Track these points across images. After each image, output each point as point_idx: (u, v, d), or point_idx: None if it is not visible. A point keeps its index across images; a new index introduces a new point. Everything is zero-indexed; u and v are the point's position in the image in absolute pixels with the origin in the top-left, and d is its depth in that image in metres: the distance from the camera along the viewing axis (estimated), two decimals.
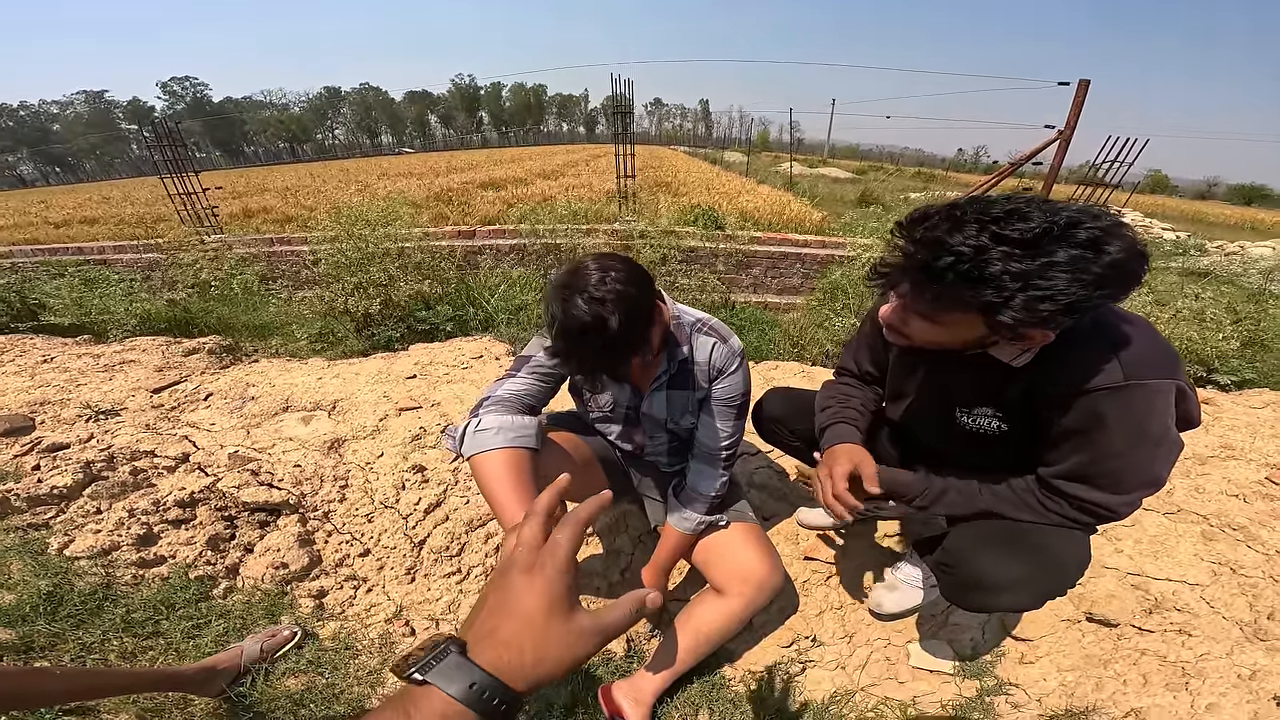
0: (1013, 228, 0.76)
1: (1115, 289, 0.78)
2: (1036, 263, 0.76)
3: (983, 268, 0.77)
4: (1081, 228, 0.75)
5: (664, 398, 1.24)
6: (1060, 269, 0.75)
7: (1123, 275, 0.77)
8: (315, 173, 19.28)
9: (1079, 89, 5.28)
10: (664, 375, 1.21)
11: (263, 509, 1.60)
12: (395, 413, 2.10)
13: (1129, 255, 0.76)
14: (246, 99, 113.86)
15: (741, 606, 1.22)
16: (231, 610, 1.42)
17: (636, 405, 1.27)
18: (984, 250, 0.77)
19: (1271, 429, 1.97)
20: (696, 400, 1.24)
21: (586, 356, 0.95)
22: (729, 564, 1.26)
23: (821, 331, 3.43)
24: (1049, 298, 0.76)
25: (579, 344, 0.93)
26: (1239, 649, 1.21)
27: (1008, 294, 0.77)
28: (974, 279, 0.79)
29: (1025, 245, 0.76)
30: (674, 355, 1.19)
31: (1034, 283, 0.76)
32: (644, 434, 1.32)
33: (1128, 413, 0.88)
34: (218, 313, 4.06)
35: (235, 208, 9.83)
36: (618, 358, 0.97)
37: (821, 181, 18.59)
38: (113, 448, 1.73)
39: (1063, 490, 0.97)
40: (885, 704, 1.31)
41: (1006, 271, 0.76)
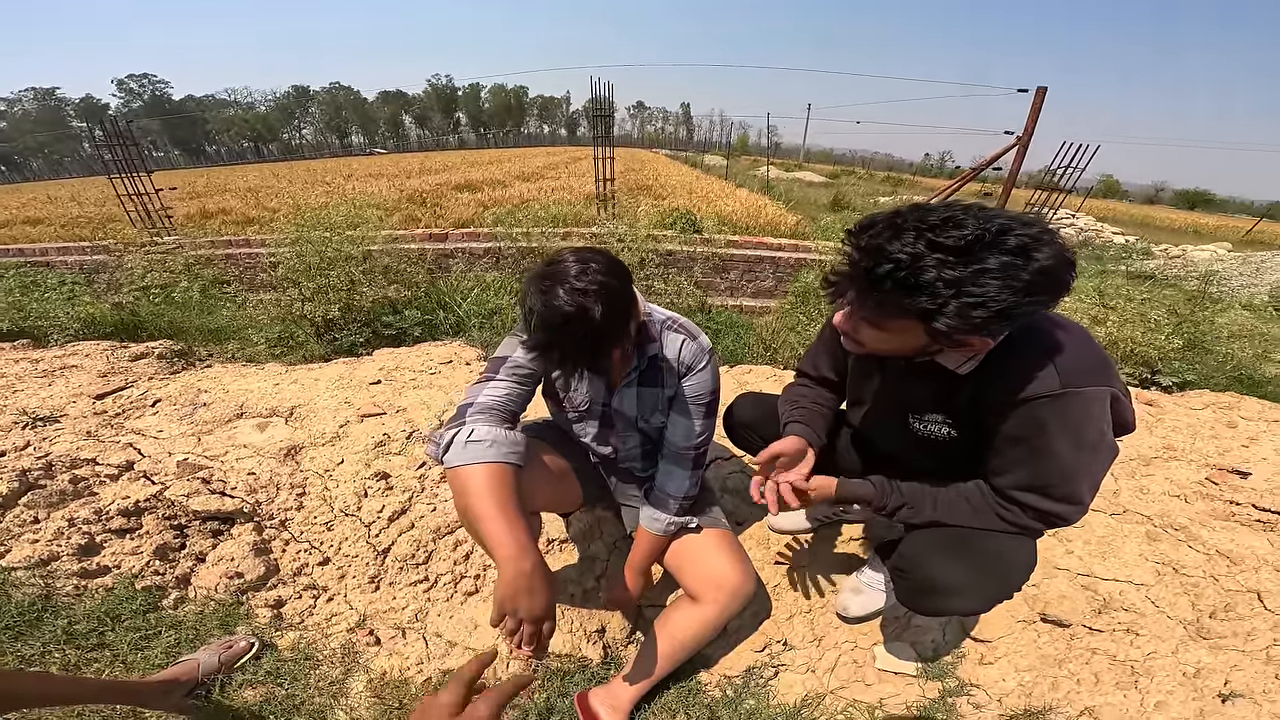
0: (947, 235, 0.79)
1: (1044, 295, 0.81)
2: (969, 269, 0.79)
3: (918, 275, 0.80)
4: (1012, 235, 0.78)
5: (634, 394, 1.27)
6: (991, 275, 0.78)
7: (1051, 282, 0.80)
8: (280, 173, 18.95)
9: (1036, 96, 5.55)
10: (634, 372, 1.24)
11: (215, 518, 1.58)
12: (357, 419, 2.09)
13: (1058, 262, 0.79)
14: (209, 97, 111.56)
15: (716, 614, 1.25)
16: (183, 621, 1.40)
17: (608, 403, 1.30)
18: (920, 257, 0.80)
19: (1211, 430, 2.09)
20: (666, 398, 1.28)
21: (569, 348, 0.97)
22: (702, 570, 1.30)
23: (793, 335, 3.53)
24: (981, 304, 0.79)
25: (561, 335, 0.95)
26: (1183, 647, 1.28)
27: (941, 300, 0.80)
28: (910, 286, 0.81)
29: (958, 252, 0.79)
30: (644, 351, 1.22)
31: (966, 289, 0.79)
32: (618, 435, 1.35)
33: (1066, 420, 0.92)
34: (169, 316, 3.97)
35: (192, 208, 9.61)
36: (600, 349, 0.99)
37: (797, 185, 19.07)
38: (50, 455, 1.69)
39: (1019, 500, 1.02)
40: (854, 706, 1.35)
41: (940, 278, 0.79)
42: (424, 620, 1.54)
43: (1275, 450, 1.93)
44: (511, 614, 0.94)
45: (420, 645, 1.47)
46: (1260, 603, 1.33)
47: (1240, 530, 1.55)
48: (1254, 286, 7.57)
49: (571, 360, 1.00)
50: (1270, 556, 1.43)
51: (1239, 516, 1.60)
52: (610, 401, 1.29)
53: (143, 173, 6.72)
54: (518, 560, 0.94)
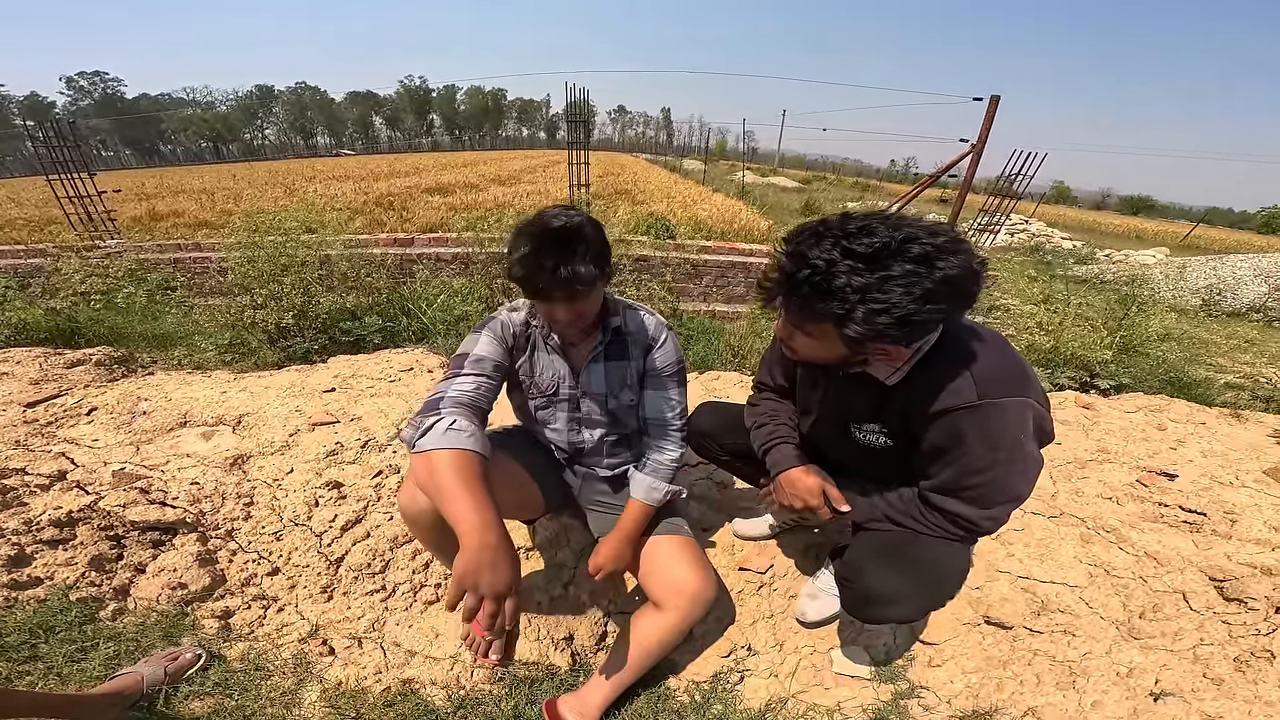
0: (859, 243, 0.85)
1: (945, 303, 0.86)
2: (875, 276, 0.84)
3: (830, 280, 0.86)
4: (916, 243, 0.84)
5: (601, 370, 1.35)
6: (895, 283, 0.84)
7: (953, 291, 0.85)
8: (239, 174, 18.56)
9: (990, 104, 5.85)
10: (600, 346, 1.33)
11: (155, 528, 1.57)
12: (308, 428, 2.09)
13: (961, 272, 0.85)
14: (165, 96, 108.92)
15: (677, 620, 1.30)
16: (123, 632, 1.39)
17: (575, 385, 1.37)
18: (833, 264, 0.86)
19: (1142, 432, 2.21)
20: (635, 374, 1.37)
21: (565, 260, 1.06)
22: (666, 577, 1.35)
23: (759, 340, 3.61)
24: (885, 310, 0.84)
25: (557, 249, 1.06)
26: (1116, 647, 1.35)
27: (849, 306, 0.86)
28: (824, 291, 0.87)
29: (867, 260, 0.85)
30: (608, 325, 1.32)
31: (872, 295, 0.84)
32: (587, 421, 1.42)
33: (983, 430, 0.99)
34: (109, 322, 3.86)
35: (141, 210, 9.35)
36: (588, 271, 1.09)
37: (771, 190, 19.59)
38: None
39: (935, 503, 1.09)
40: (814, 710, 1.40)
41: (849, 284, 0.85)
42: (381, 629, 1.55)
43: (1201, 452, 2.07)
44: (472, 589, 0.91)
45: (378, 655, 1.48)
46: (1186, 603, 1.41)
47: (1167, 531, 1.65)
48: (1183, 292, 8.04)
49: (564, 279, 1.07)
50: (1194, 557, 1.53)
51: (1166, 518, 1.71)
52: (578, 383, 1.36)
53: (84, 174, 6.53)
54: (481, 532, 0.94)
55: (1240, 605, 1.37)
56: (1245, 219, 71.70)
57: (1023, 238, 14.19)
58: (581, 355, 1.36)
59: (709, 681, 1.49)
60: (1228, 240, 30.43)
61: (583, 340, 1.35)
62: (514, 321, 1.33)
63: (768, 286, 0.97)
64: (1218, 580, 1.44)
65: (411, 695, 1.41)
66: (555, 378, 1.37)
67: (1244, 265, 9.54)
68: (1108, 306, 3.78)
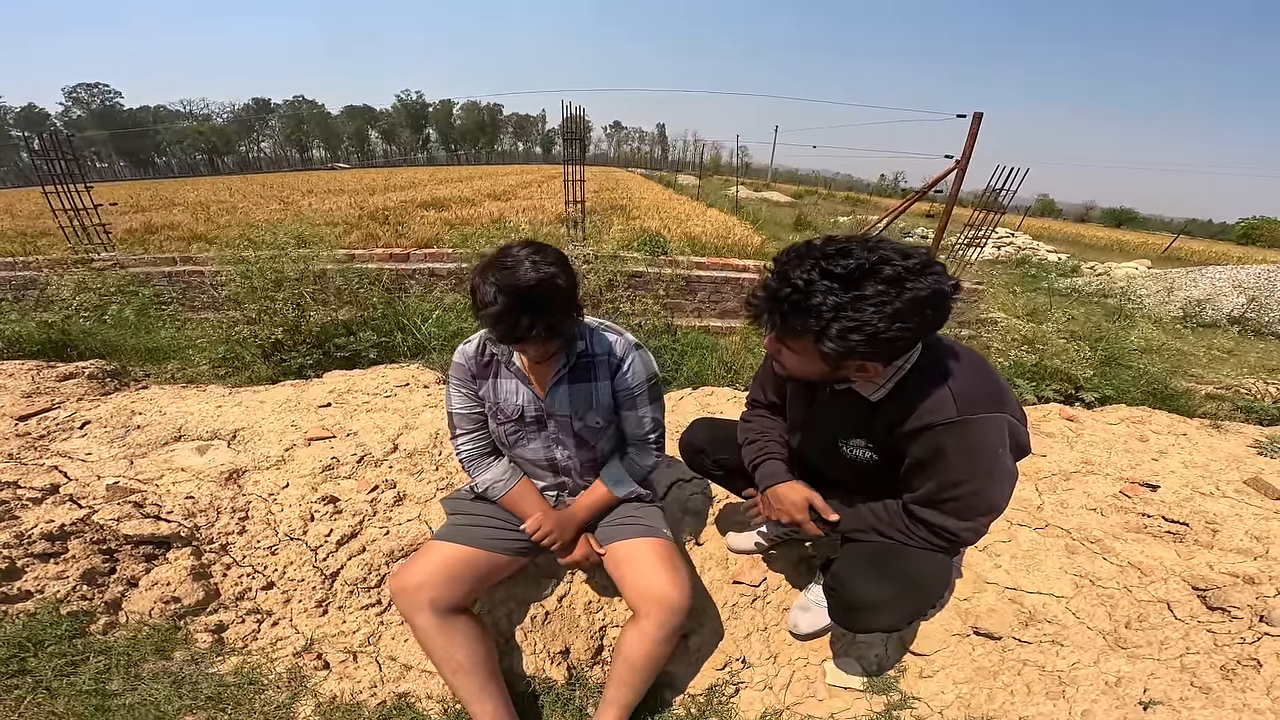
0: (836, 264, 0.91)
1: (915, 324, 0.92)
2: (848, 295, 0.90)
3: (808, 299, 0.92)
4: (889, 265, 0.90)
5: (565, 392, 1.38)
6: (867, 302, 0.90)
7: (921, 311, 0.91)
8: (234, 187, 18.57)
9: (974, 121, 6.01)
10: (564, 369, 1.36)
11: (148, 542, 1.58)
12: (304, 442, 2.10)
13: (931, 294, 0.90)
14: (162, 108, 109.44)
15: (654, 627, 1.31)
16: (114, 646, 1.40)
17: (540, 407, 1.41)
18: (812, 283, 0.92)
19: (1125, 444, 2.25)
20: (602, 395, 1.40)
21: (541, 315, 1.13)
22: (641, 583, 1.37)
23: (752, 356, 3.66)
24: (856, 328, 0.90)
25: (531, 307, 1.12)
26: (1104, 657, 1.37)
27: (824, 324, 0.92)
28: (802, 309, 0.93)
29: (842, 280, 0.91)
30: (572, 348, 1.36)
31: (845, 314, 0.90)
32: (559, 442, 1.45)
33: (963, 445, 1.04)
34: (102, 336, 3.85)
35: (135, 223, 9.32)
36: (562, 322, 1.17)
37: (765, 205, 19.91)
38: None
39: (918, 515, 1.14)
40: None
41: (825, 303, 0.91)
42: (377, 643, 1.56)
43: (1182, 463, 2.11)
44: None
45: (373, 669, 1.49)
46: (1170, 612, 1.44)
47: (1151, 542, 1.69)
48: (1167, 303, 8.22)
49: (537, 325, 1.14)
50: (1177, 567, 1.56)
51: (1150, 528, 1.75)
52: (541, 406, 1.40)
53: (80, 186, 6.54)
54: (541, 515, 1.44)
55: (1224, 614, 1.40)
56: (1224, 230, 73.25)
57: (1009, 250, 14.41)
58: (545, 378, 1.39)
59: (704, 694, 1.50)
60: (1207, 252, 31.16)
61: (549, 361, 1.38)
62: (467, 355, 1.41)
63: (754, 304, 1.03)
64: (1201, 589, 1.47)
65: (407, 709, 1.42)
66: (517, 400, 1.41)
67: (1223, 277, 9.79)
68: (1090, 319, 3.87)
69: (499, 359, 1.40)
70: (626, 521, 1.48)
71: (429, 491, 1.91)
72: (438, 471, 2.02)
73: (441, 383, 2.88)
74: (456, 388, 1.43)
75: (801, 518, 1.27)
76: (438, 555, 1.37)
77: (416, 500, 1.88)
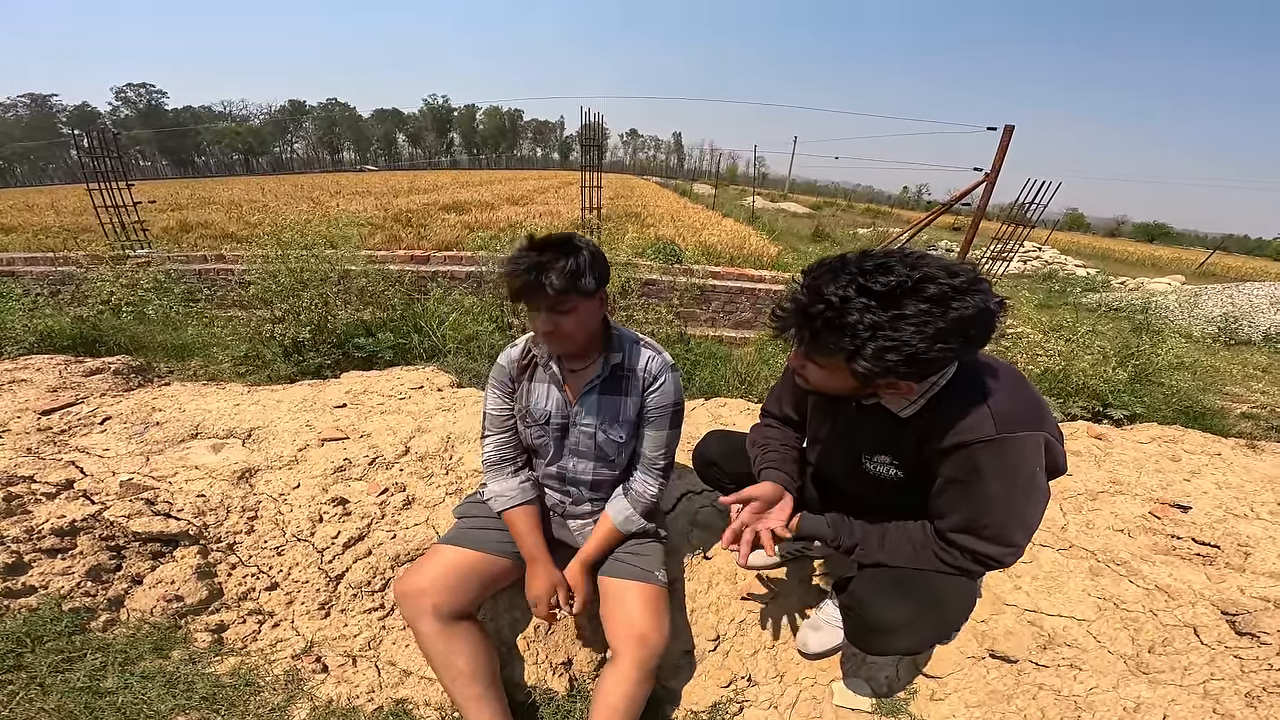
0: (875, 281, 0.85)
1: (958, 344, 0.86)
2: (888, 314, 0.85)
3: (844, 316, 0.86)
4: (934, 284, 0.84)
5: (595, 402, 1.38)
6: (908, 322, 0.84)
7: (966, 331, 0.85)
8: (268, 187, 19.03)
9: (1004, 134, 5.88)
10: (597, 380, 1.37)
11: (157, 539, 1.57)
12: (317, 443, 2.09)
13: (976, 313, 0.84)
14: (205, 109, 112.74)
15: (633, 667, 1.28)
16: (112, 644, 1.39)
17: (567, 415, 1.41)
18: (848, 300, 0.86)
19: (1155, 464, 2.15)
20: (630, 410, 1.39)
21: (545, 268, 1.16)
22: (623, 626, 1.34)
23: (766, 368, 3.59)
24: (894, 348, 0.84)
25: (540, 255, 1.16)
26: (1123, 682, 1.31)
27: (860, 343, 0.86)
28: (836, 326, 0.88)
29: (882, 298, 0.85)
30: (608, 360, 1.36)
31: (883, 333, 0.85)
32: (575, 454, 1.44)
33: (1001, 465, 0.97)
34: (130, 331, 3.92)
35: (172, 221, 9.59)
36: (563, 282, 1.16)
37: (781, 216, 19.80)
38: None
39: (956, 542, 1.06)
40: None
41: (861, 321, 0.85)
42: (377, 648, 1.54)
43: (1215, 484, 2.00)
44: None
45: (372, 673, 1.47)
46: (1196, 637, 1.37)
47: (1179, 564, 1.60)
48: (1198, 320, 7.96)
49: (560, 285, 1.15)
50: (1206, 590, 1.48)
51: (1179, 550, 1.66)
52: (569, 414, 1.40)
53: (121, 183, 6.72)
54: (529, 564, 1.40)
55: (1253, 639, 1.33)
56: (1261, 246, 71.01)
57: (1036, 265, 14.12)
58: (578, 386, 1.40)
59: (708, 712, 1.46)
60: (1244, 268, 30.11)
61: (581, 368, 1.39)
62: (511, 358, 1.44)
63: (782, 316, 0.98)
64: (1230, 614, 1.40)
65: (404, 715, 1.39)
66: (547, 406, 1.41)
67: (1260, 293, 9.40)
68: (1119, 335, 3.73)
69: (538, 362, 1.42)
70: (623, 559, 1.45)
71: (438, 496, 1.89)
72: (447, 476, 2.00)
73: (455, 386, 2.87)
74: (493, 389, 1.46)
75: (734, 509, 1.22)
76: (442, 561, 1.37)
77: (425, 504, 1.86)
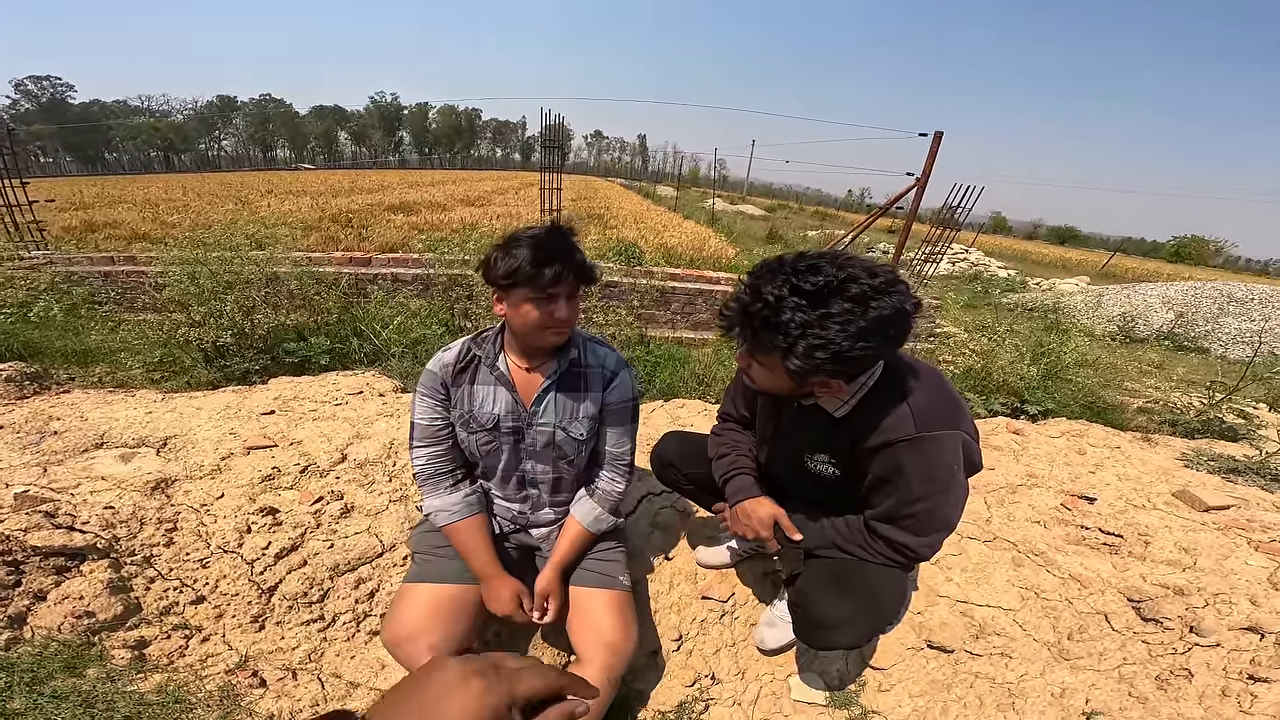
0: (806, 280, 0.92)
1: (876, 342, 0.93)
2: (816, 313, 0.91)
3: (778, 314, 0.93)
4: (855, 283, 0.91)
5: (553, 400, 1.37)
6: (833, 320, 0.91)
7: (884, 331, 0.93)
8: (190, 185, 17.96)
9: (934, 139, 6.30)
10: (554, 375, 1.36)
11: (60, 553, 1.49)
12: (242, 451, 2.02)
13: (894, 313, 0.92)
14: (119, 103, 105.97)
15: (596, 671, 1.29)
16: (17, 663, 1.30)
17: (520, 416, 1.38)
18: (782, 300, 0.93)
19: (1065, 458, 2.35)
20: (591, 407, 1.39)
21: (574, 249, 1.23)
22: (590, 632, 1.35)
23: (723, 369, 3.69)
24: (822, 346, 0.91)
25: (565, 239, 1.23)
26: (1049, 669, 1.42)
27: (791, 340, 0.93)
28: (771, 325, 0.95)
29: (811, 297, 0.92)
30: (565, 354, 1.36)
31: (812, 331, 0.92)
32: (532, 454, 1.41)
33: (921, 462, 1.06)
34: (24, 336, 3.64)
35: (76, 220, 8.92)
36: (584, 258, 1.24)
37: (740, 218, 20.39)
38: None
39: (878, 531, 1.16)
40: None
41: (793, 320, 0.92)
42: (319, 660, 1.51)
43: (1117, 476, 2.22)
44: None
45: (315, 686, 1.44)
46: (1108, 623, 1.50)
47: (1089, 554, 1.76)
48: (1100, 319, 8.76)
49: (566, 261, 1.20)
50: (1113, 578, 1.62)
51: (1088, 540, 1.82)
52: (523, 415, 1.38)
53: (14, 180, 6.26)
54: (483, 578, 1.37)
55: (1157, 625, 1.46)
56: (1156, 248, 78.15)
57: (963, 266, 15.06)
58: (531, 385, 1.37)
59: (674, 711, 1.50)
60: (1140, 269, 33.56)
61: (534, 366, 1.36)
62: (445, 362, 1.38)
63: (728, 316, 1.04)
64: (1135, 601, 1.54)
65: None
66: (494, 409, 1.37)
67: (1153, 294, 10.52)
68: (1033, 334, 4.05)
69: (483, 363, 1.37)
70: (587, 568, 1.46)
71: (381, 503, 1.86)
72: (391, 483, 1.96)
73: (399, 391, 2.81)
74: (423, 397, 1.38)
75: (766, 534, 1.28)
76: (421, 600, 1.32)
77: (366, 512, 1.82)
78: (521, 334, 1.29)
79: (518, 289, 1.20)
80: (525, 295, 1.21)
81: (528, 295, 1.20)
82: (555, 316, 1.23)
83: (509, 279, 1.19)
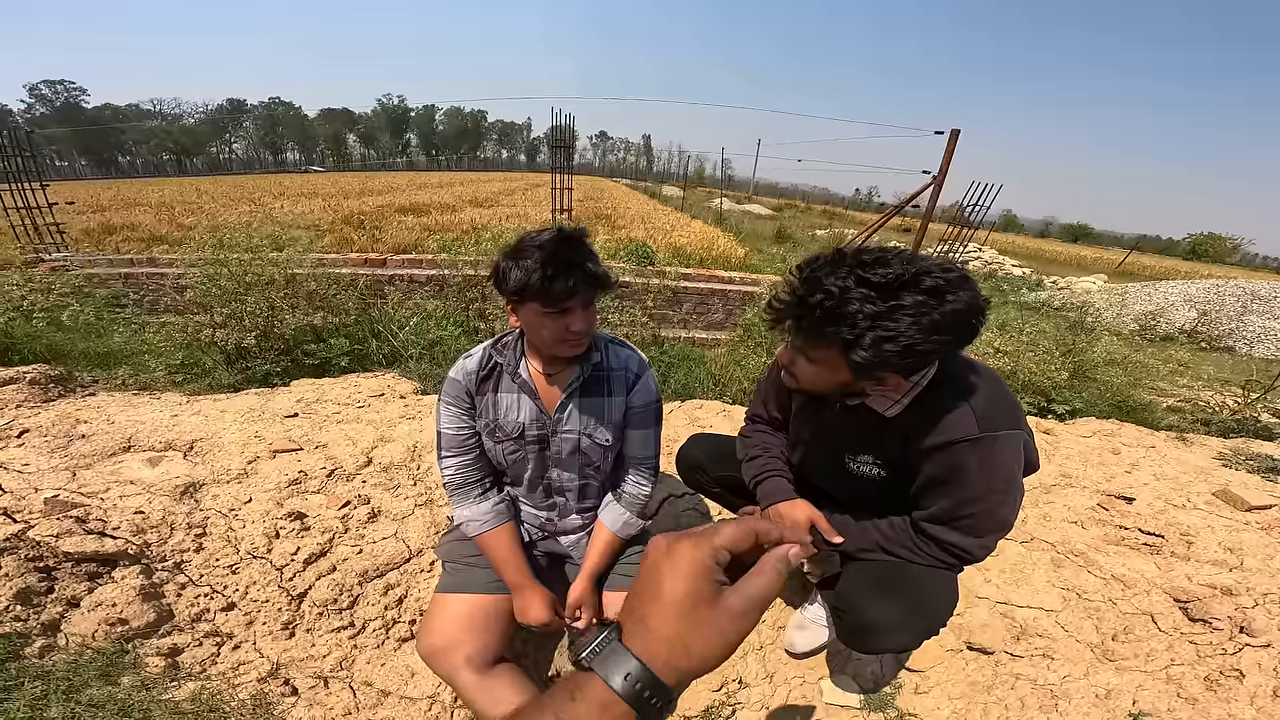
0: (874, 273, 0.91)
1: (951, 336, 0.92)
2: (886, 305, 0.90)
3: (844, 305, 0.91)
4: (929, 276, 0.90)
5: (576, 406, 1.34)
6: (905, 312, 0.89)
7: (958, 324, 0.91)
8: (203, 188, 18.20)
9: (950, 138, 6.23)
10: (576, 381, 1.32)
11: (92, 560, 1.49)
12: (268, 455, 2.02)
13: (967, 307, 0.90)
14: (132, 107, 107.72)
15: None
16: (53, 671, 1.30)
17: (545, 424, 1.35)
18: (847, 291, 0.91)
19: (1099, 456, 2.32)
20: (614, 410, 1.36)
21: (589, 259, 1.17)
22: None
23: (739, 369, 3.68)
24: (892, 338, 0.89)
25: (579, 250, 1.16)
26: (1093, 670, 1.40)
27: (859, 332, 0.91)
28: (835, 316, 0.92)
29: (880, 289, 0.90)
30: (588, 359, 1.33)
31: (881, 323, 0.90)
32: (558, 462, 1.39)
33: (983, 462, 1.04)
34: (48, 339, 3.69)
35: (94, 223, 9.07)
36: (606, 271, 1.19)
37: (747, 218, 20.32)
38: None
39: (929, 533, 1.13)
40: None
41: (861, 311, 0.90)
42: (350, 668, 1.50)
43: (1154, 475, 2.18)
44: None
45: (346, 695, 1.43)
46: (1154, 624, 1.48)
47: (1130, 554, 1.73)
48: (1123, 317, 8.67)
49: (579, 271, 1.14)
50: (1158, 579, 1.60)
51: (1128, 540, 1.79)
52: (547, 423, 1.35)
53: (35, 184, 6.36)
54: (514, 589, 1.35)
55: (1205, 625, 1.44)
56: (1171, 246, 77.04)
57: (977, 265, 14.92)
58: (554, 392, 1.34)
59: (701, 716, 1.48)
60: (1157, 267, 33.29)
61: (557, 372, 1.34)
62: (467, 370, 1.34)
63: (778, 308, 1.02)
64: (1182, 601, 1.51)
65: None
66: (520, 417, 1.34)
67: (1174, 292, 10.42)
68: (1058, 333, 4.00)
69: (505, 371, 1.34)
70: (616, 571, 1.45)
71: (407, 508, 1.86)
72: (416, 487, 1.96)
73: (420, 393, 2.82)
74: (448, 406, 1.35)
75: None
76: (453, 609, 1.31)
77: (393, 517, 1.82)
78: (538, 346, 1.27)
79: (529, 304, 1.16)
80: (537, 310, 1.16)
81: (540, 310, 1.16)
82: (571, 330, 1.19)
83: (518, 295, 1.15)
